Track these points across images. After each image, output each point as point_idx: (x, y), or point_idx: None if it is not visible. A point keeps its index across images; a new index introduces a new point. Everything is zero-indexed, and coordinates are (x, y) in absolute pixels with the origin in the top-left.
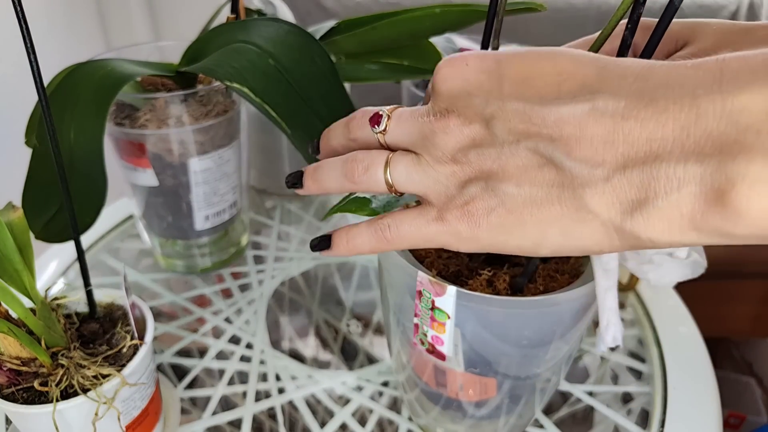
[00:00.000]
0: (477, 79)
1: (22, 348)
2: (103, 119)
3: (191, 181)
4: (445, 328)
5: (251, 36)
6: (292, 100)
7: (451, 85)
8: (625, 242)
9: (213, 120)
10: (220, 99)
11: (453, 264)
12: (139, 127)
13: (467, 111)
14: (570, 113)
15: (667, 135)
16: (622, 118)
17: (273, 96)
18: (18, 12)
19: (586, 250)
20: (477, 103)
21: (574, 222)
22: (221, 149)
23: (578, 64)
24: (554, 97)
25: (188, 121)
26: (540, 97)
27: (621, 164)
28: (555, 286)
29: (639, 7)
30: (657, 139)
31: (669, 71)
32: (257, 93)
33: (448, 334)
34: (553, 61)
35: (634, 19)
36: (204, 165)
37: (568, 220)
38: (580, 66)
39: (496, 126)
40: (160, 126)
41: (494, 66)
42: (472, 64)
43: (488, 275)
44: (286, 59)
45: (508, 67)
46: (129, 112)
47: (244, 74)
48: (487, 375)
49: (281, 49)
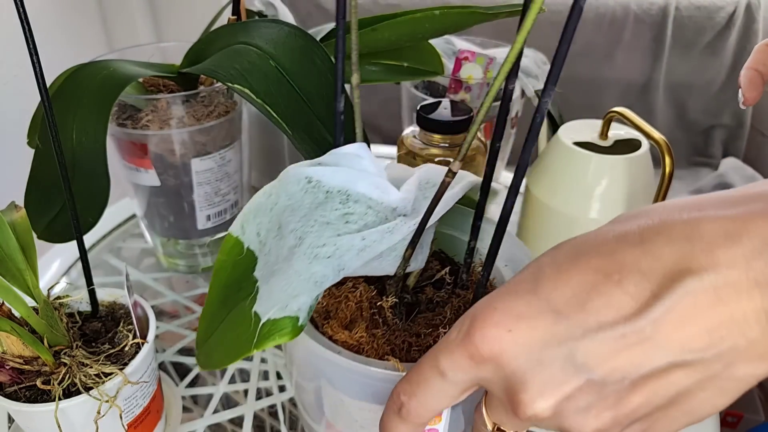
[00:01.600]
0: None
1: (25, 347)
2: (105, 120)
3: (193, 181)
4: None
5: (252, 37)
6: (293, 101)
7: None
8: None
9: (214, 120)
10: (222, 100)
11: (383, 343)
12: (141, 128)
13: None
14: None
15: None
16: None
17: (274, 97)
18: (20, 13)
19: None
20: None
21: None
22: (223, 150)
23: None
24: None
25: (190, 121)
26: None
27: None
28: None
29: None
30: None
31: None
32: (258, 94)
33: (443, 423)
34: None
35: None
36: (206, 165)
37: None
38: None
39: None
40: (162, 127)
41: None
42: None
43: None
44: (287, 60)
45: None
46: (131, 112)
47: (246, 75)
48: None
49: (282, 50)
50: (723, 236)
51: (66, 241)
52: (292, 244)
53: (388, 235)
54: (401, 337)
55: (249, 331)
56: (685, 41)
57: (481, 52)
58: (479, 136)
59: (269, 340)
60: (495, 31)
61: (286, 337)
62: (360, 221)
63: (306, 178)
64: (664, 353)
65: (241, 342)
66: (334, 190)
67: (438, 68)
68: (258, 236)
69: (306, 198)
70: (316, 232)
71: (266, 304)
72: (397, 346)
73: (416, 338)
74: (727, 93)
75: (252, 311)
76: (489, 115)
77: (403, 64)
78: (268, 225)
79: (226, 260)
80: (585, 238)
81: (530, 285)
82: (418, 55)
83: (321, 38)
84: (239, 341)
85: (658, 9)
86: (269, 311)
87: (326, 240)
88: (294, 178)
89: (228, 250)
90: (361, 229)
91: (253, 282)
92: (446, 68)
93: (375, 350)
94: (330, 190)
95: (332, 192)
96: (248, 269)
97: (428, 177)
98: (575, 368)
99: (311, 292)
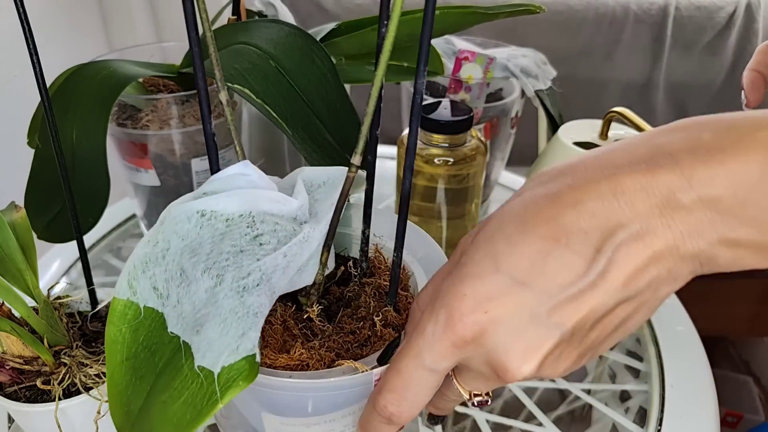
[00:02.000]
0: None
1: (25, 347)
2: (105, 120)
3: (193, 181)
4: None
5: (252, 37)
6: (293, 101)
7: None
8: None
9: (215, 121)
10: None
11: (325, 352)
12: (141, 128)
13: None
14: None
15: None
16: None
17: (274, 97)
18: (20, 13)
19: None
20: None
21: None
22: (223, 150)
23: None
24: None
25: (190, 121)
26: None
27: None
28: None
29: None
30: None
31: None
32: (258, 94)
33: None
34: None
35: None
36: (205, 165)
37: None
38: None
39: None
40: (162, 127)
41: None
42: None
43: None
44: (287, 61)
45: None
46: (131, 112)
47: (246, 75)
48: None
49: (282, 50)
50: (640, 189)
51: (66, 240)
52: (209, 284)
53: (306, 245)
54: (337, 340)
55: (203, 390)
56: (685, 41)
57: (481, 52)
58: (479, 136)
59: (233, 387)
60: (495, 31)
61: (249, 379)
62: (273, 240)
63: (198, 213)
64: (612, 295)
65: (197, 404)
66: (235, 216)
67: (438, 68)
68: (155, 291)
69: (204, 233)
70: (234, 264)
71: (211, 355)
72: (338, 349)
73: (352, 336)
74: (727, 93)
75: (195, 369)
76: (489, 115)
77: (403, 64)
78: (165, 275)
79: (120, 330)
80: (520, 205)
81: (490, 265)
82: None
83: (321, 38)
84: (193, 405)
85: (658, 9)
86: (219, 360)
87: (249, 269)
88: (182, 216)
89: (119, 318)
90: (277, 247)
91: (171, 340)
92: (446, 68)
93: (320, 362)
94: (230, 217)
95: (233, 219)
96: (156, 329)
97: (311, 179)
98: (548, 329)
99: (255, 326)
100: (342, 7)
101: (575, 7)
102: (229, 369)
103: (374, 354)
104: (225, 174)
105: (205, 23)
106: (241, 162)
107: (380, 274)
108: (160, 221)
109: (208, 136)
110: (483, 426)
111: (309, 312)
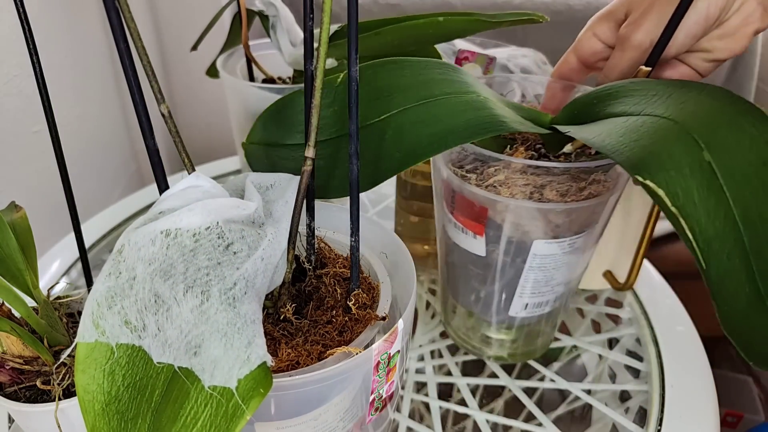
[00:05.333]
0: None
1: (25, 347)
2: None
3: (526, 263)
4: (396, 367)
5: (669, 108)
6: (727, 223)
7: None
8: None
9: (583, 202)
10: (599, 177)
11: (311, 346)
12: (487, 189)
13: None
14: None
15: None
16: None
17: (699, 217)
18: (20, 13)
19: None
20: None
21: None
22: (576, 236)
23: None
24: None
25: (551, 195)
26: None
27: None
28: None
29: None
30: None
31: None
32: (681, 209)
33: (397, 371)
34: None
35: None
36: (548, 250)
37: None
38: None
39: None
40: (515, 194)
41: None
42: None
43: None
44: (724, 153)
45: None
46: (474, 164)
47: (666, 168)
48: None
49: (715, 132)
50: None
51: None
52: (195, 303)
53: (277, 245)
54: (318, 332)
55: (223, 408)
56: None
57: (481, 52)
58: None
59: (255, 397)
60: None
61: (268, 386)
62: (244, 246)
63: (162, 233)
64: None
65: (219, 424)
66: (202, 230)
67: None
68: (127, 325)
69: (172, 253)
70: (217, 278)
71: (220, 372)
72: (322, 341)
73: (330, 325)
74: None
75: (207, 391)
76: None
77: None
78: (136, 305)
79: (93, 377)
80: None
81: None
82: (421, 56)
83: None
84: (215, 425)
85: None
86: (233, 374)
87: (233, 278)
88: (144, 240)
89: (88, 364)
90: (250, 253)
91: (161, 371)
92: None
93: (309, 356)
94: (197, 232)
95: (200, 232)
96: (136, 365)
97: (258, 182)
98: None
99: (257, 333)
100: (342, 7)
101: (575, 7)
102: (246, 380)
103: (361, 337)
104: (177, 189)
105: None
106: (192, 174)
107: (332, 263)
108: (117, 251)
109: (152, 152)
110: (483, 426)
111: (284, 312)
